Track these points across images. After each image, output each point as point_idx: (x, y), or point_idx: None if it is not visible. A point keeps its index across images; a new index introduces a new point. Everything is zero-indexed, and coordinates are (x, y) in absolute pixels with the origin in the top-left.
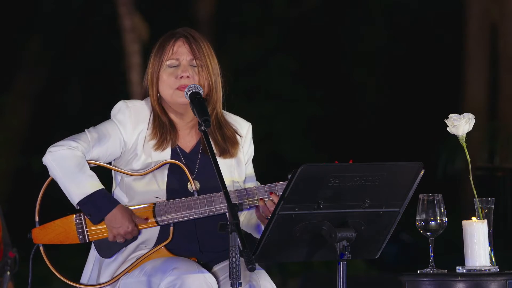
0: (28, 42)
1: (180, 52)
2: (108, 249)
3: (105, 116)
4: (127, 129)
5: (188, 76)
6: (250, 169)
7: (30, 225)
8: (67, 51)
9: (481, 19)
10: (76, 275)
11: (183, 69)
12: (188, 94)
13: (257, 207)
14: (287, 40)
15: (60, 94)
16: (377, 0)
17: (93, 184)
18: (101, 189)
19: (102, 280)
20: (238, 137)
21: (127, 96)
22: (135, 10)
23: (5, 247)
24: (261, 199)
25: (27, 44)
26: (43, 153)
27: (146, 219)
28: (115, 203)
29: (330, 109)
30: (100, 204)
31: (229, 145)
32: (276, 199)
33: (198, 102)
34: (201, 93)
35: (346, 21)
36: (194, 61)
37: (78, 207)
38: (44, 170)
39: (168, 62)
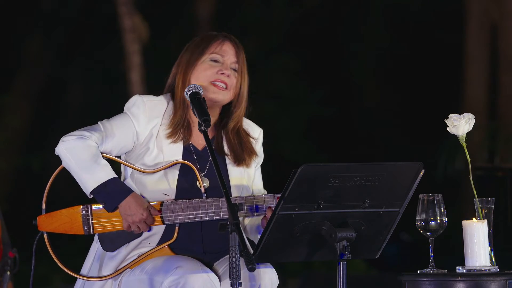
0: (28, 42)
1: (227, 52)
2: (112, 243)
3: (105, 116)
4: (141, 122)
5: (228, 75)
6: (258, 175)
7: (30, 224)
8: (67, 51)
9: (481, 19)
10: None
11: (226, 67)
12: (188, 94)
13: (265, 216)
14: (288, 40)
15: (60, 94)
16: (377, 0)
17: (107, 173)
18: (115, 177)
19: (104, 273)
20: (253, 144)
21: (127, 96)
22: (135, 10)
23: (5, 247)
24: (269, 207)
25: (27, 44)
26: (43, 153)
27: (160, 210)
28: (129, 191)
29: (330, 109)
30: (114, 192)
31: (246, 156)
32: None
33: (198, 102)
34: (201, 93)
35: (346, 21)
36: (236, 65)
37: (92, 196)
38: (44, 170)
39: (212, 56)
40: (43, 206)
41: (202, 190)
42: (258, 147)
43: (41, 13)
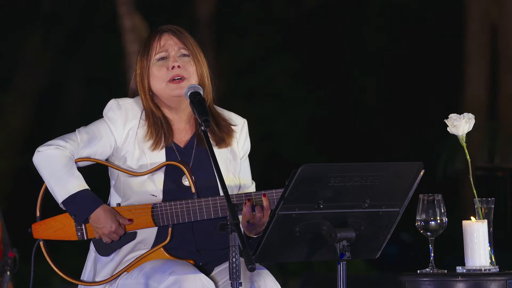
0: (28, 42)
1: (168, 45)
2: (106, 247)
3: None
4: (118, 126)
5: (179, 66)
6: (246, 165)
7: (30, 225)
8: (67, 51)
9: (481, 19)
10: (75, 275)
11: (173, 60)
12: (188, 94)
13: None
14: (287, 40)
15: (60, 94)
16: (377, 0)
17: (78, 184)
18: (85, 189)
19: (97, 279)
20: (232, 127)
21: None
22: (135, 10)
23: (5, 247)
24: (248, 199)
25: (27, 44)
26: None
27: (130, 220)
28: (98, 203)
29: (330, 109)
30: (83, 204)
31: (224, 134)
32: (266, 203)
33: (199, 102)
34: (201, 93)
35: (346, 21)
36: (183, 51)
37: (64, 208)
38: None
39: (157, 56)
40: (37, 213)
41: (193, 190)
42: (243, 137)
43: (41, 13)
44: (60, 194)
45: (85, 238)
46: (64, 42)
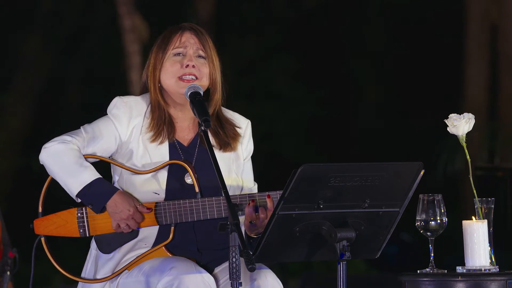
0: (28, 41)
1: (187, 42)
2: (108, 244)
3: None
4: (122, 123)
5: (194, 66)
6: (248, 166)
7: (29, 225)
8: (67, 51)
9: (481, 19)
10: (75, 273)
11: (189, 58)
12: (188, 94)
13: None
14: (288, 40)
15: (60, 94)
16: (377, 0)
17: (91, 174)
18: (99, 178)
19: (98, 277)
20: (238, 129)
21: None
22: (135, 10)
23: (5, 247)
24: (252, 200)
25: (27, 44)
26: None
27: (149, 208)
28: (114, 189)
29: (330, 109)
30: (99, 192)
31: (230, 139)
32: (270, 205)
33: (198, 102)
34: (201, 93)
35: (346, 21)
36: (201, 52)
37: (79, 200)
38: (44, 170)
39: (174, 51)
40: (40, 209)
41: (197, 189)
42: (247, 138)
43: (41, 13)
44: (74, 186)
45: (87, 235)
46: (64, 42)
